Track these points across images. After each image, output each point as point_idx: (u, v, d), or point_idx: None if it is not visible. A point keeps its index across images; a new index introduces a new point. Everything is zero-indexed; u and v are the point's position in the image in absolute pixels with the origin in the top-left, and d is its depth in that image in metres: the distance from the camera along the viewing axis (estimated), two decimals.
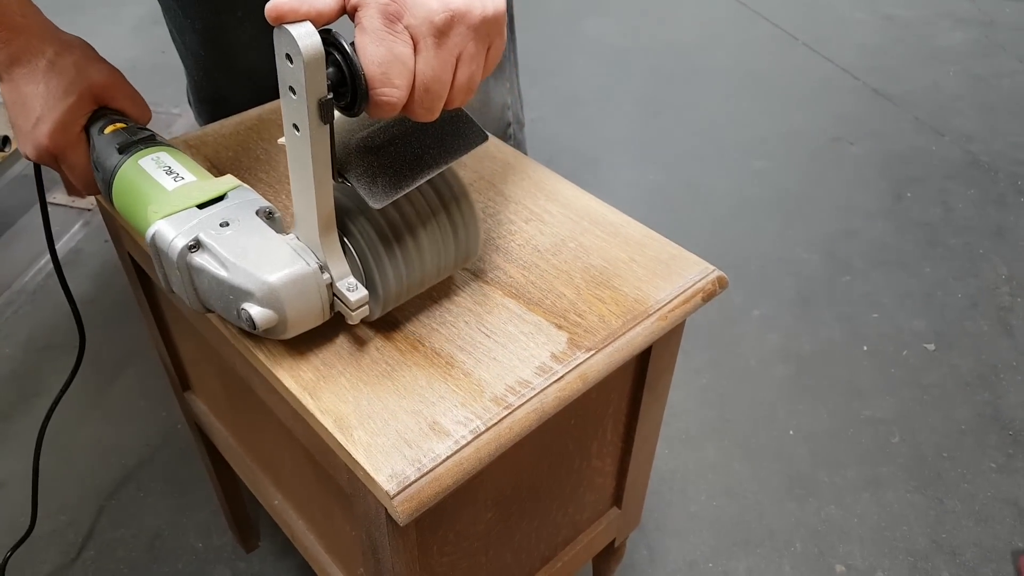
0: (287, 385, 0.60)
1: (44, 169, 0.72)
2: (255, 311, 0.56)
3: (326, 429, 0.57)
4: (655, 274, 0.70)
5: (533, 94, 2.50)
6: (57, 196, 2.05)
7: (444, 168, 0.60)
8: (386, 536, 0.59)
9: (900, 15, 2.93)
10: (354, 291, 0.59)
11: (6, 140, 1.53)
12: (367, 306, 0.60)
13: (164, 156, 0.65)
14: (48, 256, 1.87)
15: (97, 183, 0.68)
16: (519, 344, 0.64)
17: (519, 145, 1.23)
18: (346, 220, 0.60)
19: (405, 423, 0.57)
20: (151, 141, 0.67)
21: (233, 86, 1.08)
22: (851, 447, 1.50)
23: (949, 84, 2.56)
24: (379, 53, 0.49)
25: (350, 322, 0.61)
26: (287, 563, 1.31)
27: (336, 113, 0.53)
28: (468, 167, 0.82)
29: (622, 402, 0.77)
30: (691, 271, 0.70)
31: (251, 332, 0.58)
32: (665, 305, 0.67)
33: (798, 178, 2.17)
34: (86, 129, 0.68)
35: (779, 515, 1.39)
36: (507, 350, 0.63)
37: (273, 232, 0.59)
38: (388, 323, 0.65)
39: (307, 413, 0.59)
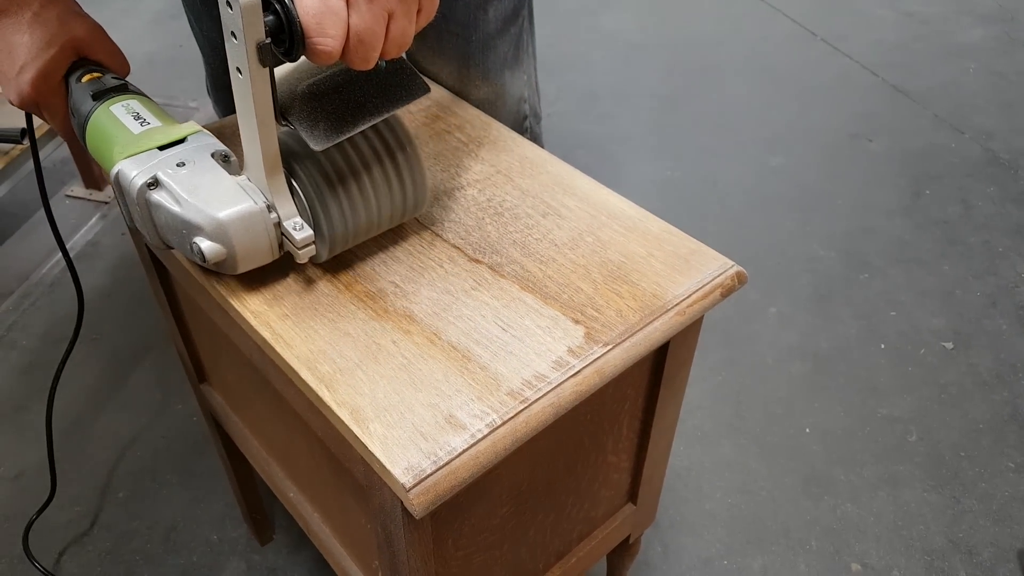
0: (304, 377, 0.60)
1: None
2: (205, 245, 0.60)
3: (342, 422, 0.57)
4: (673, 269, 0.69)
5: (550, 89, 2.49)
6: (75, 189, 2.06)
7: (385, 116, 0.63)
8: (401, 529, 0.59)
9: (920, 11, 2.91)
10: (300, 230, 0.63)
11: (24, 132, 1.53)
12: (313, 246, 0.64)
13: (134, 104, 0.69)
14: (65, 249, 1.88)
15: (74, 128, 0.72)
16: (536, 338, 0.63)
17: (536, 138, 1.22)
18: (293, 163, 0.63)
19: (421, 416, 0.57)
20: (124, 90, 0.71)
21: None
22: (868, 445, 1.49)
23: (969, 81, 2.54)
24: (313, 5, 0.52)
25: (298, 261, 0.64)
26: (302, 556, 1.32)
27: (287, 64, 0.58)
28: (485, 161, 0.82)
29: (639, 398, 0.77)
30: (710, 266, 0.70)
31: (204, 266, 0.63)
32: (683, 300, 0.67)
33: (816, 175, 2.16)
34: (66, 78, 0.72)
35: (795, 513, 1.39)
36: (524, 344, 0.63)
37: (225, 173, 0.63)
38: (404, 316, 0.65)
39: (323, 406, 0.59)
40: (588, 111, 2.42)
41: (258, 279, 0.68)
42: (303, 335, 0.63)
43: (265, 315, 0.65)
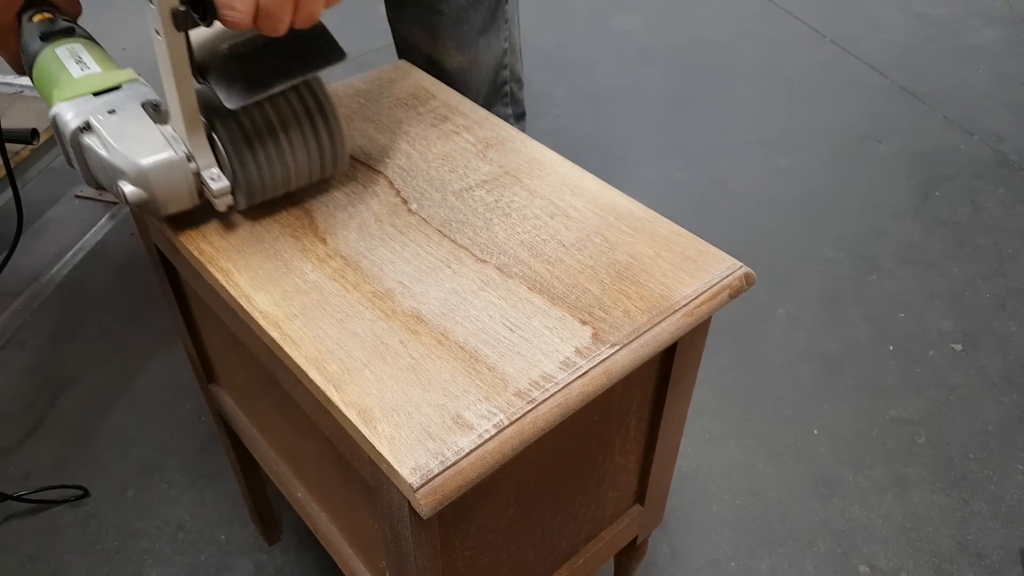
0: (312, 377, 0.60)
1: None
2: (128, 189, 0.66)
3: (350, 422, 0.57)
4: (681, 270, 0.69)
5: (559, 90, 2.49)
6: (84, 189, 2.06)
7: (300, 79, 0.68)
8: (409, 529, 0.59)
9: (930, 13, 2.90)
10: (217, 180, 0.68)
11: (34, 133, 1.54)
12: (231, 195, 0.69)
13: (78, 47, 0.73)
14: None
15: (23, 64, 0.76)
16: (543, 339, 0.63)
17: (518, 103, 1.22)
18: (214, 118, 0.67)
19: (429, 416, 0.57)
20: (71, 33, 0.75)
21: None
22: (876, 447, 1.49)
23: (979, 82, 2.53)
24: None
25: (218, 209, 0.69)
26: (309, 555, 1.32)
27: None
28: (493, 161, 0.82)
29: (646, 398, 0.77)
30: (718, 267, 0.70)
31: (128, 205, 0.67)
32: (691, 301, 0.67)
33: (825, 176, 2.16)
34: (19, 16, 0.76)
35: (802, 515, 1.38)
36: (531, 345, 0.63)
37: (151, 122, 0.68)
38: (412, 316, 0.65)
39: (331, 405, 0.59)
40: (597, 112, 2.42)
41: (265, 279, 0.68)
42: (311, 335, 0.63)
43: (273, 315, 0.65)
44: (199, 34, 0.65)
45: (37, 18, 0.75)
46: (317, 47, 0.68)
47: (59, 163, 2.05)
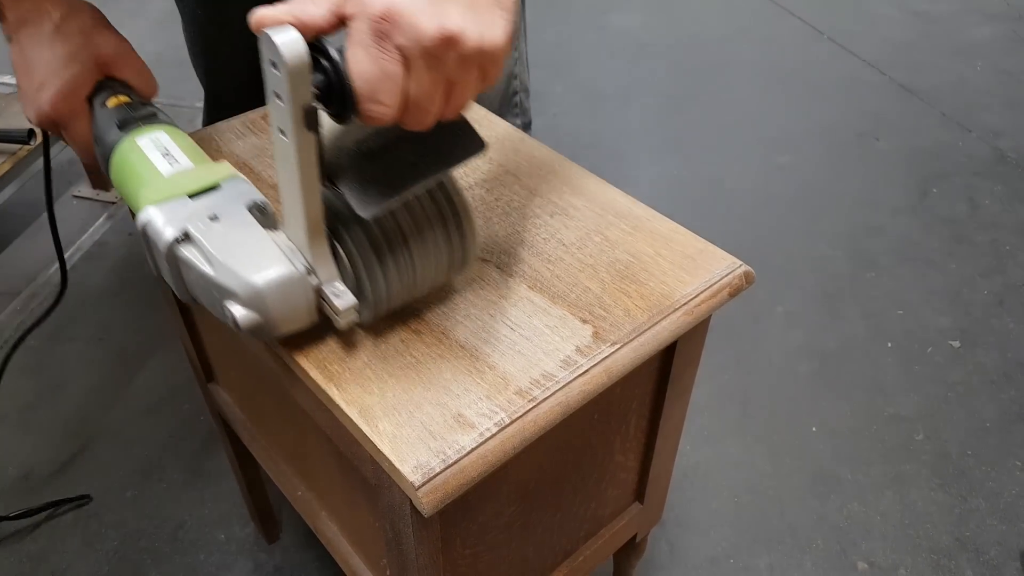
0: (313, 376, 0.60)
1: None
2: (238, 312, 0.55)
3: (351, 420, 0.57)
4: (681, 268, 0.69)
5: (557, 88, 2.49)
6: (82, 189, 2.06)
7: (439, 177, 0.59)
8: (410, 527, 0.59)
9: (928, 10, 2.90)
10: (341, 297, 0.58)
11: (31, 133, 1.54)
12: (356, 313, 0.59)
13: (163, 136, 0.64)
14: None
15: (96, 155, 0.67)
16: (544, 338, 0.63)
17: (524, 112, 1.22)
18: (339, 226, 0.58)
19: (430, 415, 0.57)
20: (152, 119, 0.65)
21: (225, 41, 1.14)
22: (874, 444, 1.49)
23: (977, 79, 2.54)
24: (368, 70, 0.48)
25: (338, 327, 0.59)
26: (309, 554, 1.32)
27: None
28: (494, 161, 0.82)
29: (646, 397, 0.77)
30: (718, 266, 0.70)
31: (237, 331, 0.56)
32: (691, 299, 0.67)
33: (823, 173, 2.16)
34: (90, 99, 0.67)
35: (801, 512, 1.38)
36: (532, 343, 0.63)
37: (262, 230, 0.57)
38: (413, 316, 0.65)
39: (332, 404, 0.59)
40: (596, 110, 2.42)
41: None
42: (311, 334, 0.63)
43: None
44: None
45: (111, 102, 0.65)
46: (454, 137, 0.58)
47: (56, 163, 2.05)
